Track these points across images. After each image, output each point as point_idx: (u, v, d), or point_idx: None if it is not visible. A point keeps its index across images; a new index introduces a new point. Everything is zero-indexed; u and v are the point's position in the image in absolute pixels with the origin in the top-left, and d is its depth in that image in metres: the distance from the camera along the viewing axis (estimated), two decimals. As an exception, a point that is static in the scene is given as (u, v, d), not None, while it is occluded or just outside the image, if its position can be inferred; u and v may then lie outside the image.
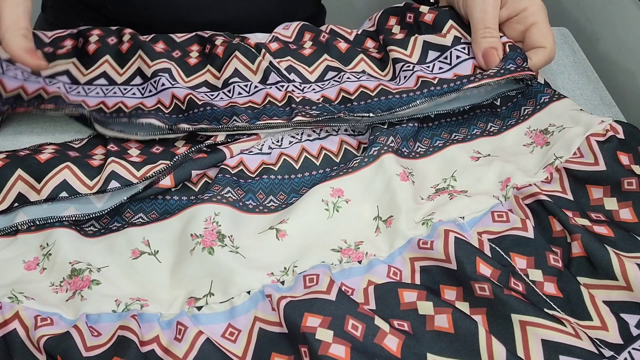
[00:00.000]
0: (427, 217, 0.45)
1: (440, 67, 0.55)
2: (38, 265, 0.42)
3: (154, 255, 0.43)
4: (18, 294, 0.40)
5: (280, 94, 0.53)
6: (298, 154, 0.50)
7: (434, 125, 0.54)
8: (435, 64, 0.56)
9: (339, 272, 0.42)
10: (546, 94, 0.55)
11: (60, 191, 0.44)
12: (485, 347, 0.37)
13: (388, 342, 0.37)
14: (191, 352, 0.37)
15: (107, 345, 0.38)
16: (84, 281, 0.41)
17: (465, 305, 0.41)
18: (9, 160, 0.45)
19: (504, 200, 0.47)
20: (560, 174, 0.48)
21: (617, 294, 0.41)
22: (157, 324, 0.39)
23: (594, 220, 0.45)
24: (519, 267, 0.42)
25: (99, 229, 0.45)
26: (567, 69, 0.64)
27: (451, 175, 0.50)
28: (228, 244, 0.43)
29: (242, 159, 0.50)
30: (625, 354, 0.38)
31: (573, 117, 0.52)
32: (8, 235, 0.44)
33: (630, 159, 0.47)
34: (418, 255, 0.43)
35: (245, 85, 0.55)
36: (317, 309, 0.38)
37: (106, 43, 0.57)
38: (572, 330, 0.38)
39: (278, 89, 0.54)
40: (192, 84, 0.56)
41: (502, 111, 0.55)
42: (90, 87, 0.55)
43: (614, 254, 0.42)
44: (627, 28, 0.67)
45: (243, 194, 0.47)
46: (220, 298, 0.41)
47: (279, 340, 0.39)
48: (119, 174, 0.45)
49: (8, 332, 0.38)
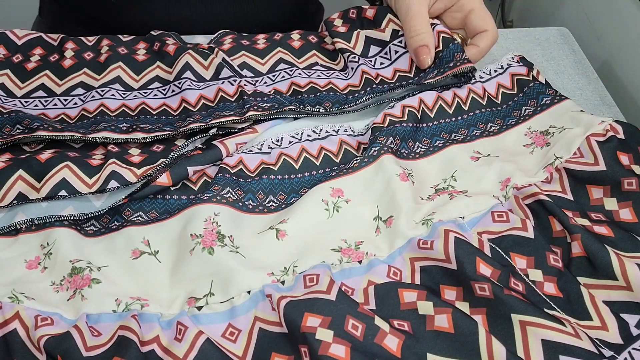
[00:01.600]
0: (427, 217, 0.45)
1: (382, 62, 0.58)
2: (39, 264, 0.42)
3: (154, 255, 0.43)
4: (18, 293, 0.40)
5: (233, 89, 0.54)
6: (298, 154, 0.50)
7: (434, 125, 0.54)
8: (377, 59, 0.59)
9: (339, 272, 0.42)
10: (548, 95, 0.55)
11: (60, 190, 0.44)
12: (485, 347, 0.37)
13: (388, 342, 0.37)
14: (191, 352, 0.37)
15: (108, 345, 0.38)
16: (84, 280, 0.41)
17: (465, 305, 0.41)
18: (10, 162, 0.45)
19: (504, 200, 0.47)
20: (560, 174, 0.48)
21: (617, 294, 0.41)
22: (157, 324, 0.39)
23: (594, 220, 0.45)
24: (519, 267, 0.42)
25: (99, 228, 0.45)
26: (567, 69, 0.64)
27: (451, 176, 0.50)
28: (228, 244, 0.43)
29: (241, 158, 0.50)
30: (625, 354, 0.38)
31: (573, 118, 0.52)
32: (9, 235, 0.44)
33: (630, 159, 0.47)
34: (418, 255, 0.43)
35: (197, 80, 0.56)
36: (317, 309, 0.38)
37: (48, 60, 0.58)
38: (572, 330, 0.38)
39: (230, 84, 0.55)
40: (144, 80, 0.57)
41: (503, 110, 0.55)
42: (28, 99, 0.55)
43: (614, 254, 0.42)
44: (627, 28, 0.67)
45: (243, 194, 0.47)
46: (221, 298, 0.41)
47: (279, 340, 0.39)
48: (120, 173, 0.45)
49: (8, 332, 0.38)
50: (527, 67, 0.58)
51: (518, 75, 0.58)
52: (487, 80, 0.58)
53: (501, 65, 0.59)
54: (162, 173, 0.46)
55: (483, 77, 0.58)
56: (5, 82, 0.56)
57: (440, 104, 0.55)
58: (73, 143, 0.50)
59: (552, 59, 0.65)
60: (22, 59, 0.58)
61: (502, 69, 0.59)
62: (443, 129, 0.54)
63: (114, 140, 0.48)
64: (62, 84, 0.56)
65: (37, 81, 0.56)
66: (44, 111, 0.54)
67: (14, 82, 0.56)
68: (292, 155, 0.50)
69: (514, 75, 0.58)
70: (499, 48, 0.66)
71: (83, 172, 0.45)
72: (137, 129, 0.50)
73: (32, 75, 0.57)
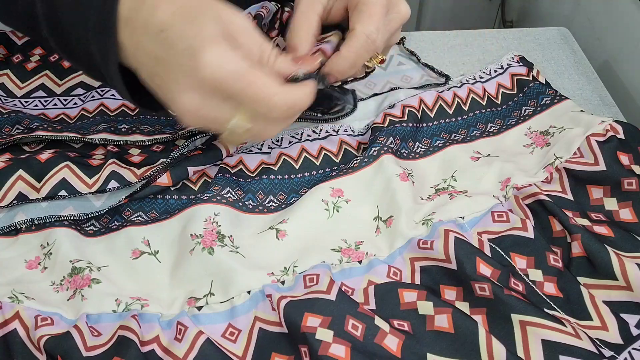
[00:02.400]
0: (427, 217, 0.45)
1: None
2: (39, 264, 0.42)
3: (154, 255, 0.43)
4: (18, 293, 0.40)
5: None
6: (298, 154, 0.50)
7: (434, 125, 0.54)
8: None
9: (339, 272, 0.42)
10: (548, 95, 0.55)
11: (60, 190, 0.44)
12: (485, 347, 0.37)
13: (388, 342, 0.37)
14: (191, 352, 0.37)
15: (108, 345, 0.38)
16: (84, 280, 0.41)
17: (465, 305, 0.41)
18: (10, 162, 0.45)
19: (504, 200, 0.47)
20: (560, 174, 0.48)
21: (617, 294, 0.41)
22: (158, 324, 0.39)
23: (594, 220, 0.45)
24: (519, 267, 0.42)
25: (99, 228, 0.45)
26: (567, 69, 0.64)
27: (451, 176, 0.50)
28: (228, 244, 0.43)
29: (241, 158, 0.50)
30: (625, 354, 0.38)
31: (573, 118, 0.52)
32: (9, 235, 0.44)
33: (630, 159, 0.47)
34: (418, 255, 0.43)
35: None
36: (317, 309, 0.38)
37: None
38: (572, 330, 0.38)
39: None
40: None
41: (503, 110, 0.55)
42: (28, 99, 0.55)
43: (614, 254, 0.42)
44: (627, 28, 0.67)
45: (243, 194, 0.47)
46: (221, 298, 0.41)
47: (279, 340, 0.39)
48: (120, 174, 0.45)
49: (8, 332, 0.38)
50: (527, 67, 0.58)
51: (518, 75, 0.58)
52: (487, 81, 0.58)
53: (501, 65, 0.59)
54: (162, 173, 0.46)
55: (483, 77, 0.58)
56: (5, 82, 0.56)
57: (440, 104, 0.55)
58: (73, 143, 0.50)
59: (552, 59, 0.65)
60: (22, 59, 0.58)
61: (502, 69, 0.59)
62: (443, 129, 0.54)
63: (113, 142, 0.48)
64: (62, 84, 0.56)
65: (37, 81, 0.56)
66: (44, 111, 0.54)
67: (14, 82, 0.56)
68: (292, 155, 0.50)
69: (514, 75, 0.58)
70: (499, 48, 0.66)
71: (83, 172, 0.45)
72: (137, 131, 0.50)
73: (32, 75, 0.57)
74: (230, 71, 0.34)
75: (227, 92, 0.35)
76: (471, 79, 0.58)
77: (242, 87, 0.35)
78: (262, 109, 0.36)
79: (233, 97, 0.36)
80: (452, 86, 0.57)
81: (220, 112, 0.37)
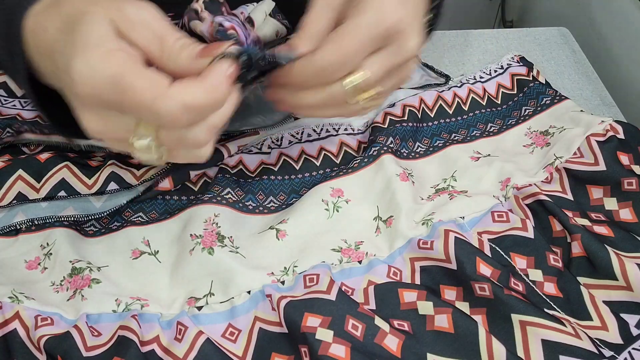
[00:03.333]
0: (427, 217, 0.45)
1: None
2: (39, 264, 0.42)
3: (154, 255, 0.43)
4: (18, 293, 0.40)
5: None
6: (298, 155, 0.50)
7: (434, 125, 0.54)
8: None
9: (339, 272, 0.42)
10: (548, 95, 0.55)
11: (59, 190, 0.44)
12: (485, 347, 0.37)
13: (388, 342, 0.37)
14: (191, 352, 0.37)
15: (108, 345, 0.38)
16: (84, 280, 0.41)
17: (465, 305, 0.41)
18: (10, 162, 0.45)
19: (504, 200, 0.47)
20: (560, 174, 0.48)
21: (617, 294, 0.41)
22: (158, 324, 0.39)
23: (594, 220, 0.45)
24: (519, 267, 0.42)
25: (99, 228, 0.45)
26: (567, 69, 0.64)
27: (451, 176, 0.50)
28: (228, 245, 0.43)
29: (241, 158, 0.50)
30: (625, 354, 0.38)
31: (573, 118, 0.52)
32: (9, 235, 0.44)
33: (630, 159, 0.47)
34: (418, 255, 0.43)
35: None
36: (317, 309, 0.38)
37: None
38: (572, 330, 0.38)
39: None
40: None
41: (503, 110, 0.55)
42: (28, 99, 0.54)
43: (614, 254, 0.42)
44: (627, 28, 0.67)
45: (243, 195, 0.47)
46: (221, 298, 0.41)
47: (279, 340, 0.39)
48: (119, 175, 0.45)
49: (8, 332, 0.38)
50: (527, 67, 0.58)
51: (518, 75, 0.58)
52: (487, 80, 0.58)
53: (501, 65, 0.59)
54: (164, 178, 0.46)
55: (483, 77, 0.58)
56: (8, 81, 0.56)
57: (441, 103, 0.55)
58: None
59: (552, 59, 0.65)
60: None
61: (502, 69, 0.59)
62: (443, 129, 0.54)
63: (99, 149, 0.48)
64: None
65: None
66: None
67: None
68: (292, 156, 0.50)
69: (514, 75, 0.58)
70: (499, 48, 0.66)
71: (82, 172, 0.45)
72: None
73: None
74: (103, 78, 0.29)
75: (107, 103, 0.30)
76: (471, 79, 0.58)
77: (120, 94, 0.29)
78: (149, 117, 0.30)
79: (116, 108, 0.30)
80: (452, 86, 0.57)
81: (121, 127, 0.31)
